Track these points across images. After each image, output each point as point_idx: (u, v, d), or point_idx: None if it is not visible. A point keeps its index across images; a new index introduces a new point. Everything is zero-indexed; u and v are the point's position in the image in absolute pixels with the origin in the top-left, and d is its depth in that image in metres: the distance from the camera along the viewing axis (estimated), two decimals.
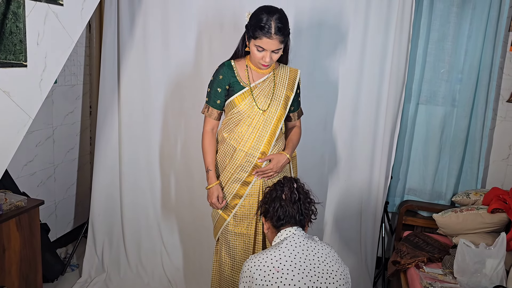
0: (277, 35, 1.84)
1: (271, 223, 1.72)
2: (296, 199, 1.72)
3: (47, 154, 2.94)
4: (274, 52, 1.90)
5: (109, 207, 2.97)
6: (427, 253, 2.48)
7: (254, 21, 1.87)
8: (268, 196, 1.76)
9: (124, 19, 2.76)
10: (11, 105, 1.62)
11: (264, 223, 1.76)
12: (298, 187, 1.77)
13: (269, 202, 1.73)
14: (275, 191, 1.74)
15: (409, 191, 3.03)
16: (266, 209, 1.74)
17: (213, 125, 2.09)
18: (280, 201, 1.70)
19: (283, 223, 1.68)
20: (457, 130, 2.84)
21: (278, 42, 1.86)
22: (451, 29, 2.78)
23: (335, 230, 2.84)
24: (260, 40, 1.86)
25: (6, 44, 1.66)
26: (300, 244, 1.61)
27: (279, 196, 1.72)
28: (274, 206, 1.70)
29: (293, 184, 1.77)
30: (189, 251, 2.93)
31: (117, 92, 2.87)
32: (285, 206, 1.69)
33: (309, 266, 1.55)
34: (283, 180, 1.78)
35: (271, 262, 1.54)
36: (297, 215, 1.70)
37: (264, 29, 1.83)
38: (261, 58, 1.91)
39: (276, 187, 1.76)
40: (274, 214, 1.69)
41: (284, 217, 1.68)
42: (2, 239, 2.06)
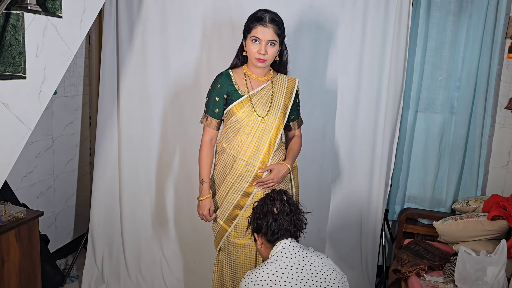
0: (272, 24, 1.92)
1: (265, 238, 1.69)
2: (288, 211, 1.71)
3: (47, 165, 2.94)
4: (269, 44, 1.93)
5: (108, 218, 2.96)
6: (428, 261, 2.47)
7: (250, 16, 1.97)
8: (258, 212, 1.73)
9: (123, 30, 2.78)
10: (10, 117, 1.62)
11: (257, 239, 1.74)
12: (288, 198, 1.76)
13: (261, 217, 1.70)
14: (265, 205, 1.72)
15: (409, 199, 3.03)
16: (258, 224, 1.71)
17: (212, 135, 2.10)
18: (273, 215, 1.69)
19: (278, 237, 1.66)
20: (456, 137, 2.84)
21: (273, 32, 1.92)
22: (448, 37, 2.80)
23: (336, 239, 2.83)
24: (255, 29, 1.92)
25: (5, 56, 1.68)
26: (296, 255, 1.60)
27: (271, 210, 1.70)
28: (268, 221, 1.68)
29: (283, 196, 1.76)
30: (189, 261, 2.92)
31: (117, 102, 2.88)
32: (279, 220, 1.67)
33: (306, 276, 1.54)
34: (272, 194, 1.77)
35: (268, 276, 1.53)
36: (291, 227, 1.69)
37: (259, 18, 1.93)
38: (257, 51, 1.93)
39: (266, 201, 1.74)
40: (269, 228, 1.67)
41: (279, 231, 1.66)
42: (1, 251, 2.06)
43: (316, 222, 2.82)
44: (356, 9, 2.59)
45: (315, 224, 2.83)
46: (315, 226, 2.83)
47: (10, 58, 1.67)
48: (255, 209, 1.77)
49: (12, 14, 1.63)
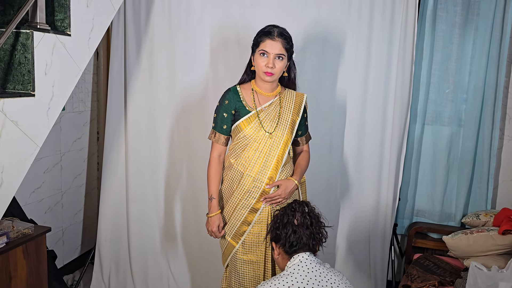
0: (280, 38, 1.94)
1: (283, 249, 1.68)
2: (308, 224, 1.69)
3: (55, 180, 2.96)
4: (277, 58, 1.94)
5: (115, 233, 2.96)
6: (438, 276, 2.43)
7: (259, 32, 2.00)
8: (279, 221, 1.72)
9: (131, 47, 2.82)
10: (19, 133, 1.64)
11: (275, 249, 1.73)
12: (310, 211, 1.75)
13: (280, 227, 1.69)
14: (286, 216, 1.71)
15: (418, 213, 2.99)
16: (277, 235, 1.70)
17: (220, 151, 2.10)
18: (293, 226, 1.67)
19: (296, 249, 1.65)
20: (464, 151, 2.82)
21: (281, 46, 1.94)
22: (454, 50, 2.80)
23: (346, 254, 2.80)
24: (264, 43, 1.94)
25: (15, 74, 1.71)
26: (313, 270, 1.59)
27: (291, 221, 1.69)
28: (287, 232, 1.66)
29: (305, 208, 1.75)
30: (196, 277, 2.90)
31: (124, 118, 2.90)
32: (298, 232, 1.66)
33: None
34: (294, 204, 1.75)
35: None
36: (310, 241, 1.67)
37: (268, 32, 1.96)
38: (265, 64, 1.94)
39: (287, 212, 1.73)
40: (287, 240, 1.65)
41: (297, 243, 1.65)
42: (8, 267, 2.06)
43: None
44: (361, 23, 2.60)
45: None
46: None
47: (19, 76, 1.70)
48: (276, 218, 1.77)
49: (21, 33, 1.66)
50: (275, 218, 1.76)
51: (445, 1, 2.75)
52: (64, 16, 1.84)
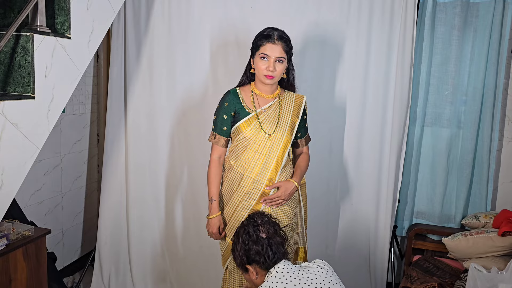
0: (280, 41, 1.94)
1: (259, 267, 1.64)
2: (274, 232, 1.68)
3: (55, 182, 2.96)
4: (278, 61, 1.95)
5: (115, 236, 2.96)
6: (438, 278, 2.43)
7: (258, 34, 2.00)
8: (246, 243, 1.66)
9: (131, 49, 2.82)
10: (19, 136, 1.65)
11: (250, 272, 1.67)
12: (269, 217, 1.73)
13: (252, 247, 1.64)
14: (253, 234, 1.66)
15: (418, 215, 2.99)
16: (249, 257, 1.65)
17: (220, 153, 2.10)
18: (264, 240, 1.64)
19: (275, 261, 1.62)
20: (464, 152, 2.82)
21: (281, 49, 1.94)
22: (453, 52, 2.80)
23: (345, 256, 2.80)
24: (264, 47, 1.95)
25: (15, 77, 1.71)
26: (291, 279, 1.56)
27: (260, 236, 1.65)
28: (262, 248, 1.62)
29: (265, 218, 1.73)
30: (196, 280, 2.90)
31: (124, 120, 2.91)
32: (272, 244, 1.63)
33: None
34: (254, 219, 1.71)
35: None
36: (282, 247, 1.66)
37: (268, 36, 1.96)
38: (266, 68, 1.95)
39: (249, 230, 1.68)
40: (265, 255, 1.61)
41: (275, 254, 1.62)
42: (8, 269, 2.06)
43: (324, 239, 2.80)
44: (360, 26, 2.61)
45: (323, 241, 2.80)
46: (323, 243, 2.81)
47: (19, 78, 1.70)
48: (240, 239, 1.69)
49: (22, 36, 1.67)
50: (239, 240, 1.70)
51: (444, 3, 2.76)
52: (64, 19, 1.85)
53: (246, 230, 1.71)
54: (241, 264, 1.72)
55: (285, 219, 2.07)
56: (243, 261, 1.70)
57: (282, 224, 2.04)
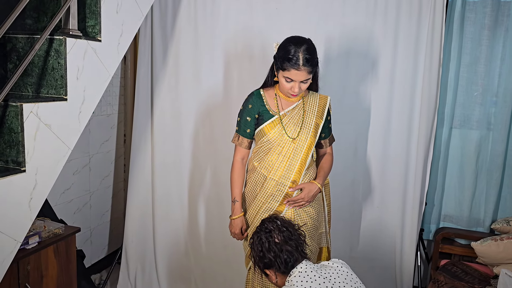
0: (305, 66, 1.86)
1: (279, 271, 1.65)
2: (288, 236, 1.67)
3: (84, 181, 3.03)
4: (302, 82, 1.91)
5: (142, 234, 3.01)
6: (467, 283, 2.37)
7: (282, 53, 1.90)
8: (260, 249, 1.68)
9: (157, 51, 2.87)
10: (51, 137, 1.69)
11: (270, 276, 1.69)
12: (282, 222, 1.72)
13: (266, 254, 1.65)
14: (265, 241, 1.67)
15: (445, 218, 2.93)
16: (266, 263, 1.66)
17: (244, 154, 2.11)
18: (276, 246, 1.65)
19: (292, 264, 1.63)
20: (493, 155, 2.75)
21: (306, 73, 1.88)
22: (483, 52, 2.73)
23: (369, 259, 2.77)
24: (289, 72, 1.88)
25: (48, 79, 1.76)
26: (314, 279, 1.56)
27: (272, 242, 1.66)
28: (276, 254, 1.63)
29: (277, 222, 1.72)
30: (220, 278, 2.92)
31: (150, 121, 2.96)
32: (285, 249, 1.63)
33: None
34: (265, 226, 1.72)
35: None
36: (298, 249, 1.65)
37: (292, 60, 1.85)
38: (290, 88, 1.92)
39: (261, 236, 1.69)
40: (280, 261, 1.62)
41: (291, 258, 1.63)
42: (40, 266, 2.13)
43: (348, 241, 2.78)
44: (387, 26, 2.58)
45: (347, 243, 2.78)
46: (347, 245, 2.79)
47: (52, 81, 1.75)
48: (254, 247, 1.71)
49: (55, 39, 1.72)
50: (254, 248, 1.71)
51: (474, 2, 2.70)
52: (95, 22, 1.90)
53: (259, 237, 1.72)
54: (261, 269, 1.74)
55: (308, 220, 2.06)
56: (261, 266, 1.72)
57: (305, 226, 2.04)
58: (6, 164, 1.60)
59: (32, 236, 2.06)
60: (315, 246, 2.12)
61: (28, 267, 2.04)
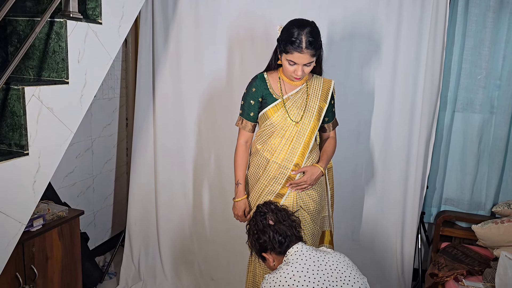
0: (308, 49, 1.85)
1: (274, 253, 1.69)
2: (282, 218, 1.71)
3: (87, 165, 3.05)
4: (306, 65, 1.90)
5: (145, 218, 3.04)
6: (467, 265, 2.40)
7: (285, 36, 1.88)
8: (255, 231, 1.72)
9: (159, 34, 2.85)
10: (54, 120, 1.70)
11: (268, 258, 1.72)
12: (275, 207, 1.76)
13: (260, 236, 1.70)
14: (260, 223, 1.71)
15: (446, 201, 2.95)
16: (261, 244, 1.70)
17: (247, 137, 2.12)
18: (271, 227, 1.69)
19: (287, 244, 1.66)
20: (496, 138, 2.75)
21: (310, 56, 1.87)
22: (487, 35, 2.70)
23: (371, 241, 2.79)
24: (291, 55, 1.87)
25: (49, 63, 1.76)
26: (310, 257, 1.60)
27: (266, 224, 1.70)
28: (269, 235, 1.67)
29: (271, 206, 1.77)
30: (223, 262, 2.95)
31: (152, 105, 2.95)
32: (279, 229, 1.68)
33: (323, 277, 1.54)
34: (260, 209, 1.77)
35: (286, 281, 1.54)
36: (293, 230, 1.69)
37: (295, 43, 1.84)
38: (293, 71, 1.92)
39: (257, 219, 1.73)
40: (274, 241, 1.66)
41: (285, 238, 1.66)
42: (45, 248, 2.16)
43: (349, 225, 2.80)
44: (390, 8, 2.54)
45: (348, 226, 2.80)
46: (349, 228, 2.81)
47: (53, 64, 1.74)
48: (250, 231, 1.76)
49: (56, 22, 1.70)
50: (250, 231, 1.76)
51: None
52: (95, 4, 1.88)
53: (254, 221, 1.77)
54: (258, 253, 1.78)
55: (311, 203, 2.08)
56: (258, 250, 1.76)
57: (306, 208, 2.06)
58: (9, 147, 1.61)
59: (36, 219, 2.08)
60: (317, 230, 2.14)
61: (33, 249, 2.07)
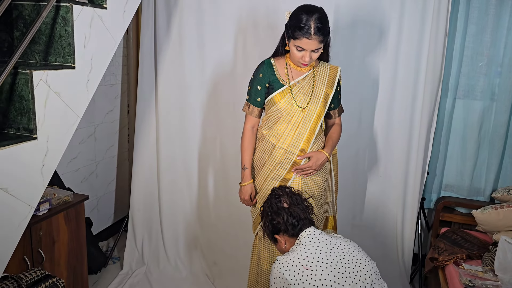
0: (317, 35, 1.85)
1: (287, 235, 1.72)
2: (296, 201, 1.75)
3: (89, 151, 3.06)
4: (313, 51, 1.91)
5: (148, 203, 3.06)
6: (466, 250, 2.44)
7: (293, 21, 1.89)
8: (270, 213, 1.75)
9: (161, 20, 2.84)
10: (61, 105, 1.70)
11: (280, 241, 1.75)
12: (290, 190, 1.80)
13: (275, 217, 1.73)
14: (274, 205, 1.74)
15: (446, 187, 2.98)
16: (275, 225, 1.73)
17: (254, 123, 2.13)
18: (285, 209, 1.72)
19: (300, 227, 1.69)
20: (496, 125, 2.77)
21: (318, 42, 1.88)
22: (490, 21, 2.71)
23: (372, 226, 2.83)
24: (300, 41, 1.87)
25: (56, 47, 1.76)
26: (322, 240, 1.64)
27: (281, 206, 1.73)
28: (283, 217, 1.70)
29: (286, 189, 1.80)
30: (226, 246, 2.99)
31: (155, 91, 2.95)
32: (293, 212, 1.71)
33: (336, 259, 1.57)
34: (275, 192, 1.80)
35: (299, 261, 1.57)
36: (306, 214, 1.73)
37: (303, 29, 1.85)
38: (301, 57, 1.93)
39: (272, 201, 1.77)
40: (287, 223, 1.69)
41: (298, 222, 1.70)
42: (52, 232, 2.18)
43: (351, 209, 2.84)
44: None
45: (350, 211, 2.84)
46: (350, 213, 2.84)
47: (60, 49, 1.75)
48: (264, 213, 1.79)
49: (62, 6, 1.70)
50: (264, 213, 1.79)
51: None
52: None
53: (268, 203, 1.80)
54: (270, 234, 1.80)
55: (316, 188, 2.10)
56: (271, 231, 1.78)
57: (311, 193, 2.09)
58: (18, 131, 1.62)
59: (42, 203, 2.10)
60: (321, 215, 2.17)
61: (40, 233, 2.09)
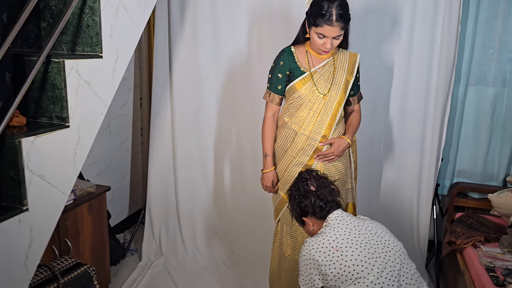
0: (338, 22, 1.88)
1: (315, 217, 1.75)
2: (324, 184, 1.78)
3: (105, 144, 3.08)
4: (335, 38, 1.93)
5: (164, 195, 3.08)
6: (483, 233, 2.48)
7: (314, 9, 1.91)
8: (297, 196, 1.78)
9: (175, 12, 2.85)
10: (90, 94, 1.72)
11: (307, 223, 1.78)
12: (316, 174, 1.83)
13: (302, 200, 1.76)
14: (302, 189, 1.77)
15: (459, 173, 3.02)
16: (302, 208, 1.76)
17: (275, 110, 2.16)
18: (312, 192, 1.75)
19: (328, 209, 1.72)
20: (508, 110, 2.81)
21: (339, 29, 1.90)
22: (501, 8, 2.75)
23: (387, 213, 2.87)
24: (321, 28, 1.90)
25: (83, 37, 1.77)
26: (351, 221, 1.67)
27: (308, 189, 1.76)
28: (311, 200, 1.73)
29: (313, 173, 1.83)
30: (243, 235, 3.01)
31: (169, 84, 2.97)
32: (320, 194, 1.74)
33: (365, 240, 1.61)
34: (302, 175, 1.83)
35: (329, 243, 1.60)
36: (334, 197, 1.76)
37: (325, 16, 1.87)
38: (322, 44, 1.95)
39: (299, 185, 1.79)
40: (315, 206, 1.72)
41: (326, 204, 1.73)
42: (76, 222, 2.20)
43: (367, 196, 2.87)
44: None
45: (366, 197, 2.87)
46: (366, 199, 2.87)
47: (87, 38, 1.76)
48: (291, 196, 1.82)
49: None
50: (291, 196, 1.82)
51: None
52: None
53: (296, 186, 1.83)
54: (298, 217, 1.83)
55: (337, 174, 2.13)
56: (298, 214, 1.80)
57: (332, 179, 2.12)
58: (50, 120, 1.63)
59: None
60: (342, 201, 2.20)
61: (66, 223, 2.11)
